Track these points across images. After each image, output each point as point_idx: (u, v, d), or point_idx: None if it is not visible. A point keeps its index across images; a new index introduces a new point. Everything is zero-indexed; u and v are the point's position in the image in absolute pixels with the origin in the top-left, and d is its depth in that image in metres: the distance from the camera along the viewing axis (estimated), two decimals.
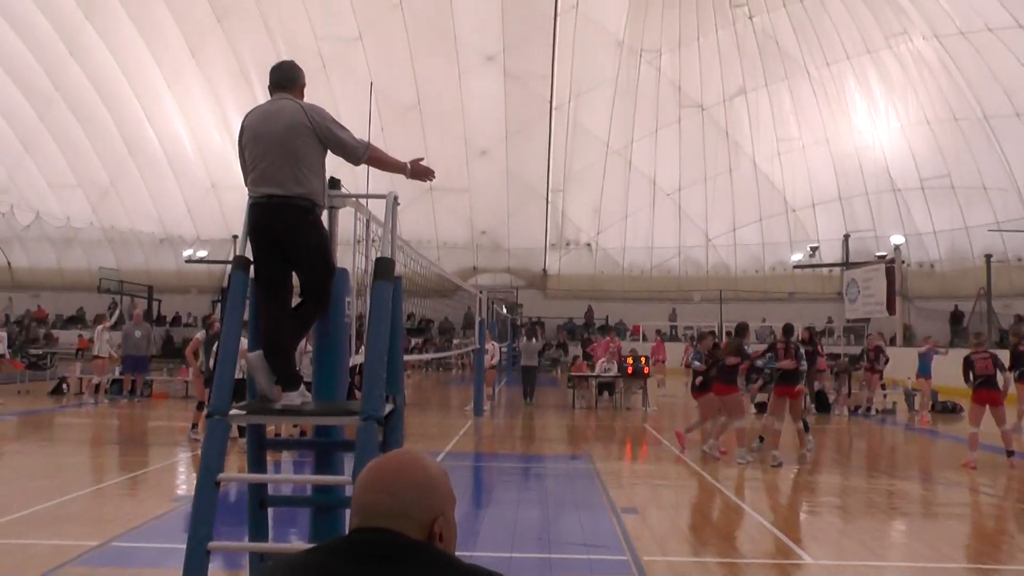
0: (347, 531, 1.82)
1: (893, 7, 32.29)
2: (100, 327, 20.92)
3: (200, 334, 14.94)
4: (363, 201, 5.75)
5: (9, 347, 21.19)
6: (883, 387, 21.85)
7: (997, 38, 29.41)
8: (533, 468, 12.17)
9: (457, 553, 1.80)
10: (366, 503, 1.80)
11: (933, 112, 33.89)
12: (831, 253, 39.10)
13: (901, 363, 25.55)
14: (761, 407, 20.15)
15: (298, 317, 4.92)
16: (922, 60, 33.10)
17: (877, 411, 20.84)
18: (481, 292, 23.18)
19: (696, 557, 7.50)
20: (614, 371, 21.45)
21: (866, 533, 8.89)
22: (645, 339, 33.57)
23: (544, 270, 41.90)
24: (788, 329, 13.65)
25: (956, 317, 33.96)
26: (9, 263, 42.16)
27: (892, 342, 30.72)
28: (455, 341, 35.34)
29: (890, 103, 35.69)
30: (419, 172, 5.18)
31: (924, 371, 20.33)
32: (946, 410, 21.40)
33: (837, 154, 38.12)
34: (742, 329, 13.68)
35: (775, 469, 12.09)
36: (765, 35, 36.94)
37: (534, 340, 24.60)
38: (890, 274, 32.85)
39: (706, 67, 38.39)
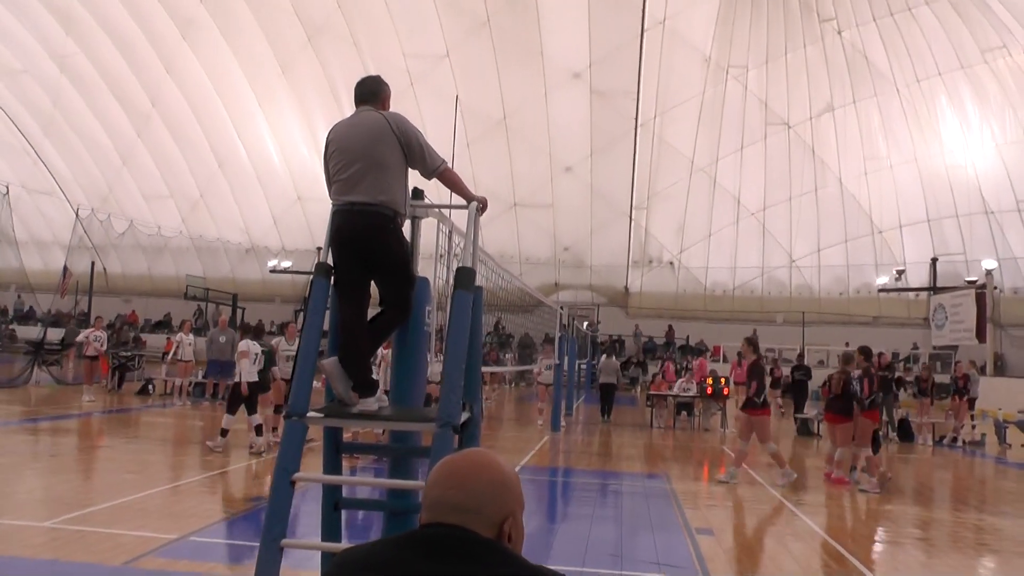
0: (418, 525, 1.83)
1: (992, 20, 31.44)
2: (182, 332, 21.58)
3: (276, 340, 15.27)
4: (446, 213, 5.82)
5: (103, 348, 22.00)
6: (972, 417, 21.18)
7: None
8: (609, 485, 12.10)
9: None
10: (438, 497, 1.82)
11: None
12: (918, 277, 38.11)
13: (992, 393, 24.77)
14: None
15: (377, 325, 4.98)
16: (1021, 75, 32.11)
17: (964, 442, 20.21)
18: (562, 308, 23.19)
19: None
20: (693, 391, 21.27)
21: (948, 567, 8.64)
22: (725, 360, 33.15)
23: (626, 287, 41.70)
24: (847, 357, 13.58)
25: None
26: (104, 269, 43.61)
27: (983, 371, 29.75)
28: (537, 357, 35.38)
29: (985, 121, 34.70)
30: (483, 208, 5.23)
31: None
32: None
33: (926, 174, 37.19)
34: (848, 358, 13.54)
35: (861, 494, 11.81)
36: (854, 50, 36.26)
37: (613, 357, 24.46)
38: (981, 300, 31.86)
39: (793, 83, 37.87)
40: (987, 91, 33.93)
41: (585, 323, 37.10)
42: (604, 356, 25.29)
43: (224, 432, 13.10)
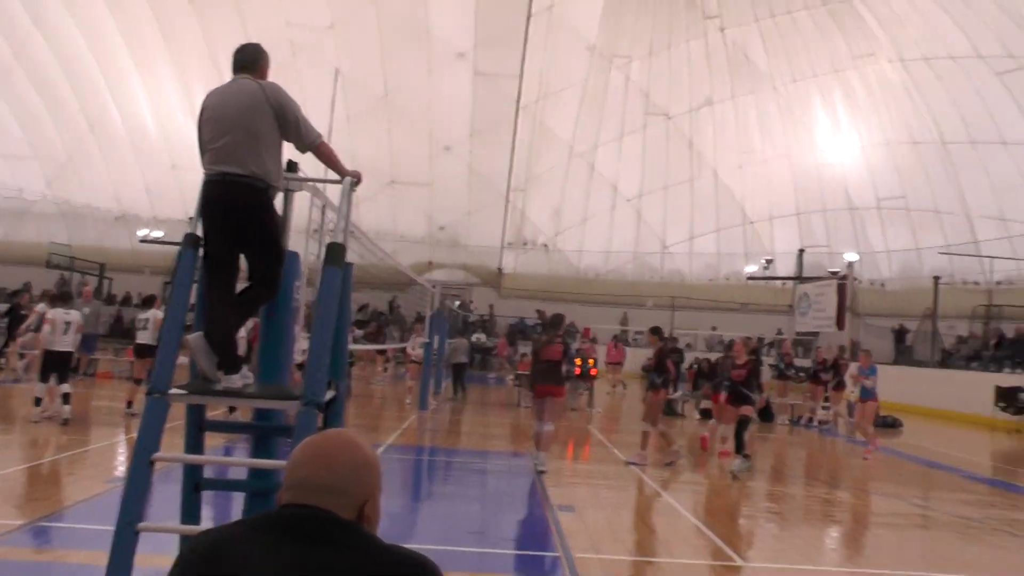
0: (277, 506, 1.82)
1: (863, 29, 32.87)
2: (41, 303, 20.49)
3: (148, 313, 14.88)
4: (320, 187, 5.75)
5: None
6: (826, 399, 22.14)
7: (959, 66, 30.10)
8: (474, 464, 12.22)
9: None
10: (300, 478, 1.81)
11: (894, 134, 34.61)
12: (785, 266, 39.57)
13: (848, 377, 25.98)
14: (705, 413, 20.46)
15: (244, 300, 4.88)
16: (887, 83, 33.74)
17: (820, 423, 21.15)
18: (434, 287, 23.15)
19: (629, 556, 7.59)
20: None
21: (801, 539, 9.10)
22: (595, 342, 33.72)
23: (499, 268, 41.87)
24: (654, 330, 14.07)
25: (900, 335, 34.60)
26: None
27: (842, 354, 31.11)
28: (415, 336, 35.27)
29: (852, 123, 36.36)
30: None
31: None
32: (886, 424, 21.76)
33: (797, 170, 38.70)
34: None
35: (725, 475, 12.24)
36: (735, 48, 37.33)
37: (464, 338, 24.67)
38: (842, 290, 33.20)
39: (674, 76, 38.66)
40: (856, 95, 35.53)
41: (457, 303, 37.15)
42: (458, 337, 25.38)
43: (38, 401, 12.66)
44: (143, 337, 14.60)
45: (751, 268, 40.14)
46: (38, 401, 12.70)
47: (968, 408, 24.60)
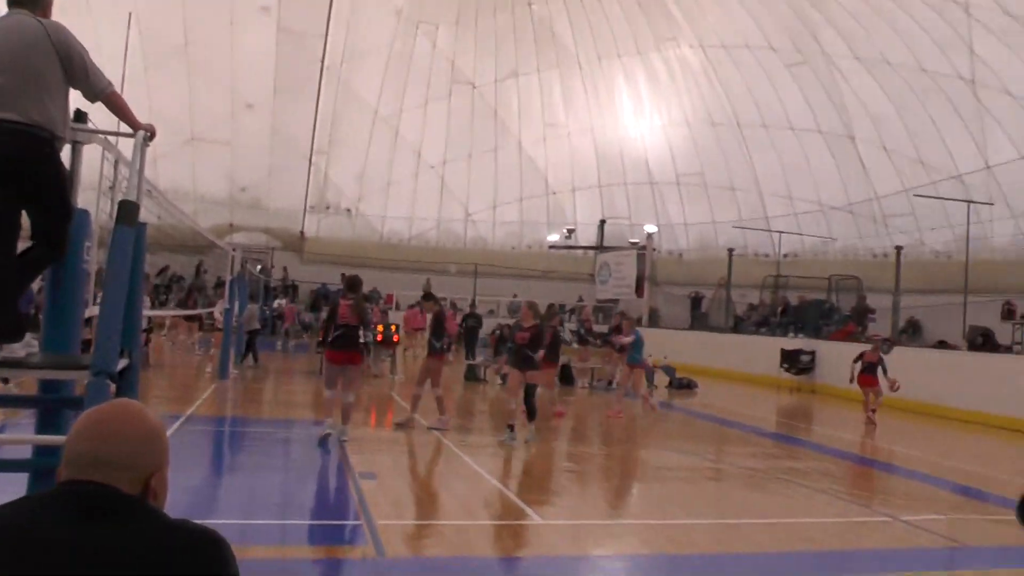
0: (57, 483, 1.72)
1: (665, 14, 34.19)
2: None
3: None
4: (112, 140, 5.38)
5: None
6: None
7: (753, 55, 31.88)
8: (276, 433, 11.96)
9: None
10: (81, 452, 1.72)
11: (693, 114, 36.30)
12: (587, 236, 40.80)
13: (646, 342, 27.22)
14: (506, 378, 20.83)
15: (26, 261, 4.46)
16: (687, 66, 35.31)
17: (618, 385, 21.94)
18: (235, 250, 22.36)
19: (431, 520, 7.64)
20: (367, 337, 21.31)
21: (597, 496, 9.45)
22: (399, 308, 33.64)
23: (302, 232, 40.95)
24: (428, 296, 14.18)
25: (696, 302, 36.42)
26: None
27: (639, 323, 32.46)
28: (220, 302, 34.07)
29: (654, 102, 37.86)
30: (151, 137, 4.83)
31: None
32: (682, 386, 22.86)
33: (600, 144, 39.97)
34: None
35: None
36: (542, 23, 37.92)
37: (255, 304, 24.17)
38: (641, 259, 34.70)
39: (481, 46, 38.86)
40: (659, 76, 37.06)
41: (259, 267, 36.09)
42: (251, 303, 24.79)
43: None
44: None
45: (553, 237, 41.12)
46: None
47: (757, 369, 26.33)
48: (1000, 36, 23.90)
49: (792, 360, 24.87)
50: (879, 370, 16.81)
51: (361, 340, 11.15)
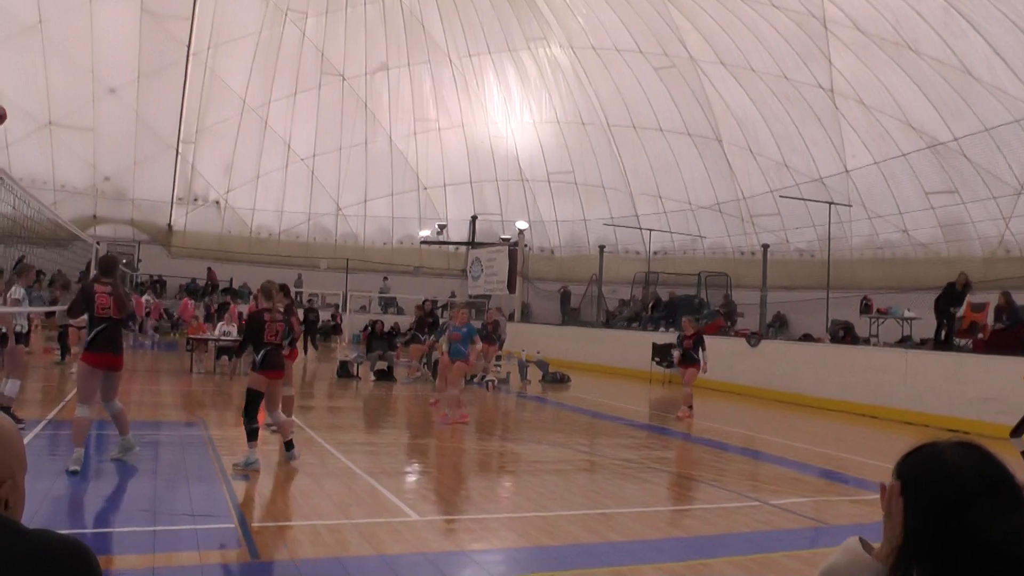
0: None
1: (536, 14, 34.62)
2: None
3: None
4: None
5: None
6: (498, 358, 23.07)
7: (622, 58, 32.55)
8: (143, 435, 11.43)
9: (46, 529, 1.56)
10: None
11: (564, 114, 36.86)
12: (458, 232, 40.80)
13: (518, 337, 27.45)
14: (380, 375, 20.69)
15: None
16: (558, 66, 35.83)
17: (493, 381, 21.97)
18: (99, 243, 21.41)
19: (306, 520, 7.44)
20: (234, 335, 20.73)
21: (474, 490, 9.38)
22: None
23: (169, 225, 39.55)
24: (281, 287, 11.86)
25: (565, 297, 36.86)
26: None
27: (511, 318, 32.65)
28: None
29: (525, 100, 38.27)
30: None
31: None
32: (556, 380, 23.06)
33: (472, 140, 40.13)
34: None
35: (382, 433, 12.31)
36: (412, 17, 37.72)
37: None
38: (513, 255, 34.87)
39: (351, 38, 38.38)
40: (529, 74, 37.49)
41: (124, 261, 34.68)
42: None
43: None
44: None
45: (425, 232, 40.99)
46: None
47: (629, 363, 26.84)
48: (854, 50, 25.07)
49: (663, 354, 25.42)
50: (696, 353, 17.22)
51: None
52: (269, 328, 9.72)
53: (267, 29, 37.34)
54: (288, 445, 9.80)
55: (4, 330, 11.51)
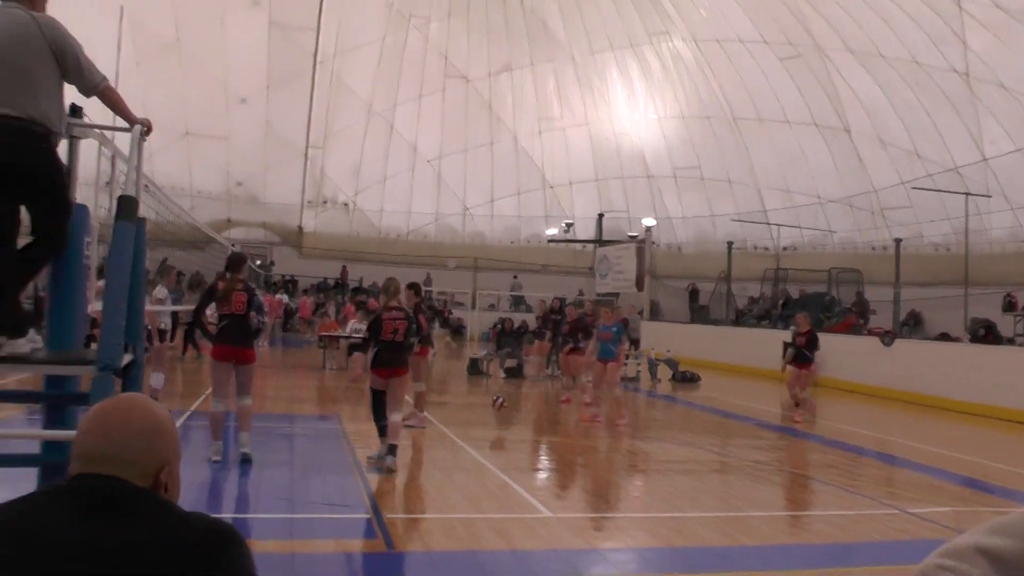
0: (68, 478, 1.67)
1: (657, 8, 34.15)
2: None
3: None
4: (109, 135, 5.33)
5: None
6: (626, 357, 22.94)
7: (746, 49, 31.79)
8: (280, 428, 11.90)
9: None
10: (88, 447, 1.68)
11: (688, 108, 36.25)
12: (585, 230, 40.74)
13: (647, 335, 27.29)
14: (509, 372, 20.92)
15: (27, 257, 4.41)
16: (680, 60, 35.26)
17: (622, 378, 21.88)
18: (234, 245, 22.31)
19: (439, 514, 7.59)
20: (364, 332, 21.21)
21: (605, 488, 9.41)
22: None
23: (300, 227, 40.88)
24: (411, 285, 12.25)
25: (693, 294, 36.40)
26: None
27: (640, 315, 32.49)
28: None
29: (649, 96, 37.81)
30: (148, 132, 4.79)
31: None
32: (685, 379, 22.82)
33: (596, 138, 39.94)
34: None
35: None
36: (534, 16, 37.82)
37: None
38: (640, 253, 34.63)
39: (474, 40, 38.76)
40: (652, 69, 36.94)
41: (258, 261, 36.01)
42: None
43: None
44: None
45: (552, 231, 41.08)
46: None
47: (759, 362, 26.19)
48: (992, 29, 23.83)
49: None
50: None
51: (254, 328, 9.39)
52: (387, 325, 9.45)
53: (390, 35, 38.09)
54: (391, 449, 9.26)
55: (152, 327, 12.15)
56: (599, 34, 36.99)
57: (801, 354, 16.06)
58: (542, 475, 10.21)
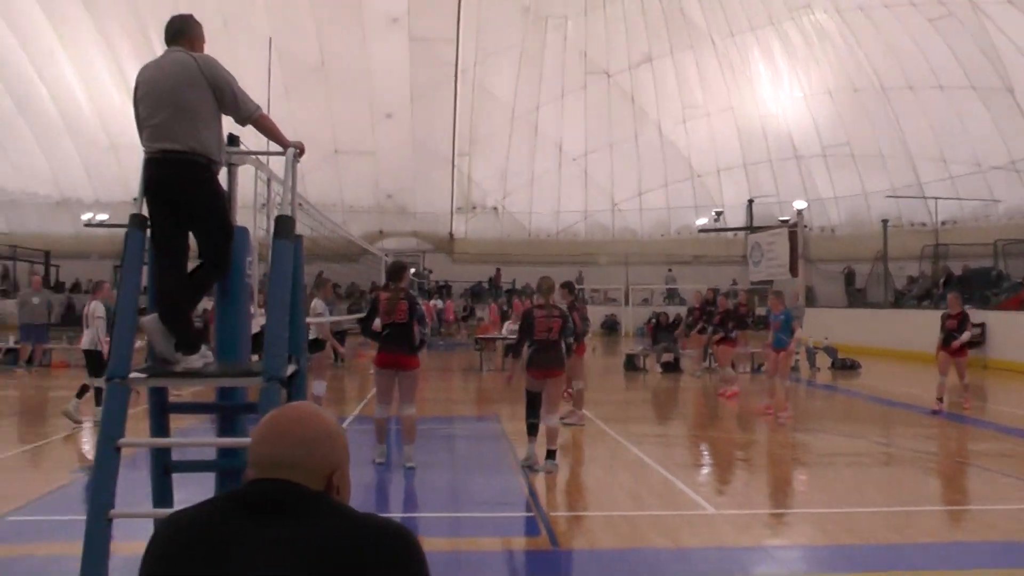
0: (244, 484, 1.77)
1: None
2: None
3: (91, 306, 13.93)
4: (263, 160, 5.61)
5: None
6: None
7: (892, 13, 30.32)
8: (440, 430, 12.17)
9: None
10: (263, 454, 1.78)
11: (834, 82, 34.89)
12: (735, 218, 39.94)
13: (805, 323, 26.40)
14: (666, 367, 20.72)
15: (196, 279, 4.77)
16: (824, 33, 33.97)
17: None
18: (387, 255, 22.93)
19: (602, 512, 7.61)
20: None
21: (768, 483, 9.22)
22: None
23: (451, 233, 41.72)
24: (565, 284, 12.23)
25: (849, 277, 35.17)
26: None
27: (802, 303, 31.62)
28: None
29: (793, 73, 36.60)
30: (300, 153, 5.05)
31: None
32: (845, 367, 22.11)
33: (741, 122, 38.96)
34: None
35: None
36: (670, 4, 37.28)
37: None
38: (793, 238, 33.60)
39: (612, 34, 38.58)
40: (795, 46, 35.72)
41: (412, 270, 36.88)
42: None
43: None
44: (84, 340, 12.44)
45: (702, 221, 40.46)
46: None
47: (921, 346, 24.92)
48: None
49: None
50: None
51: (417, 339, 9.23)
52: (540, 324, 9.21)
53: (528, 38, 38.37)
54: (549, 454, 9.19)
55: (331, 341, 12.68)
56: (738, 15, 36.06)
57: (951, 337, 14.85)
58: (703, 470, 10.09)
